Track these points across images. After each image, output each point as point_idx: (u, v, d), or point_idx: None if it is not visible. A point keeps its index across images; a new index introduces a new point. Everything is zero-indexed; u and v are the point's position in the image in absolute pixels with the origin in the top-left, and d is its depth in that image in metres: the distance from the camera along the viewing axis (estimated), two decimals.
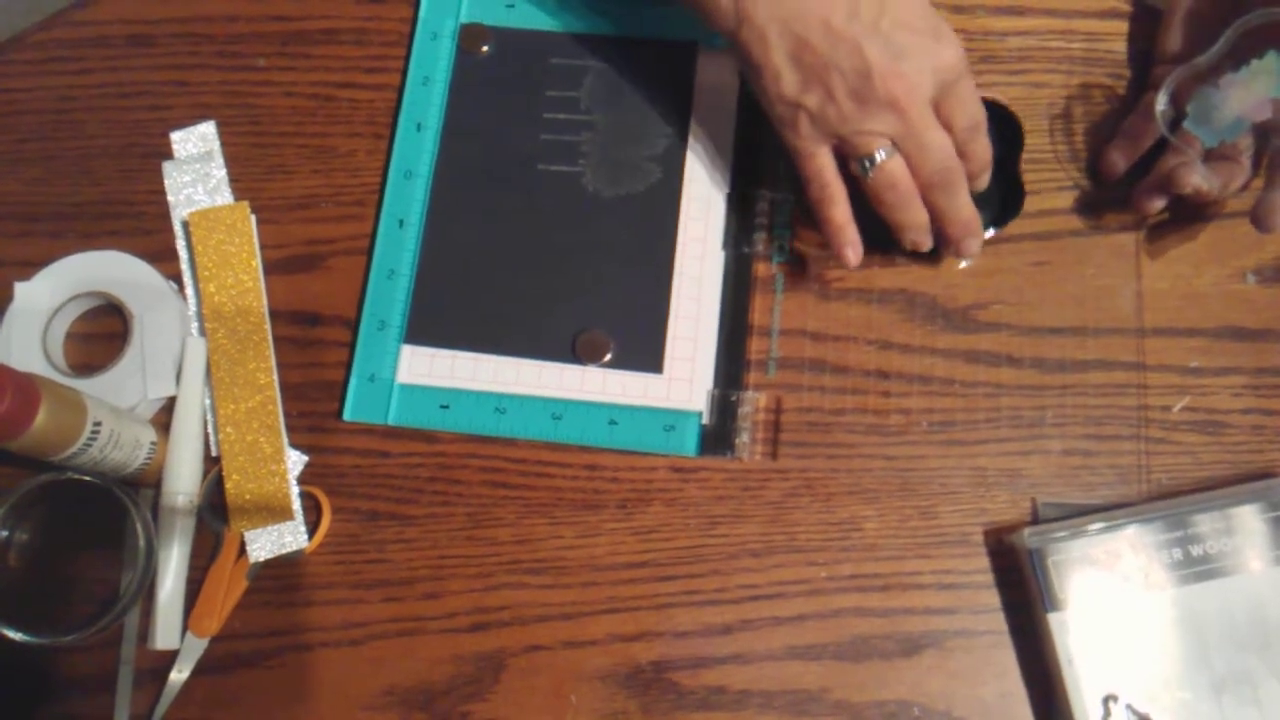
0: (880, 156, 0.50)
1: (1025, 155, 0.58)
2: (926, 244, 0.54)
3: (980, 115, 0.52)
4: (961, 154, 0.52)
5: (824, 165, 0.52)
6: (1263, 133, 0.53)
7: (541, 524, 0.55)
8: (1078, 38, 0.61)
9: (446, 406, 0.56)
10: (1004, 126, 0.56)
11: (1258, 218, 0.51)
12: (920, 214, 0.52)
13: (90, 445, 0.50)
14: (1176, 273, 0.57)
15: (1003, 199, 0.56)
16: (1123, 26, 0.61)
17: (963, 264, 0.57)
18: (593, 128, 0.60)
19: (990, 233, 0.56)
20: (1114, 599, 0.51)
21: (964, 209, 0.52)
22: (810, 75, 0.50)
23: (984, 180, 0.54)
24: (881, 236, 0.54)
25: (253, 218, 0.59)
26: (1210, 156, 0.54)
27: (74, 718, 0.53)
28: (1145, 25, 0.60)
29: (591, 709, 0.52)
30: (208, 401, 0.56)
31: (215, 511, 0.55)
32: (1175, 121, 0.54)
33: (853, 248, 0.53)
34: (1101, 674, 0.50)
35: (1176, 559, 0.51)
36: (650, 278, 0.57)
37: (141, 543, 0.52)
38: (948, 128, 0.51)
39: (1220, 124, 0.52)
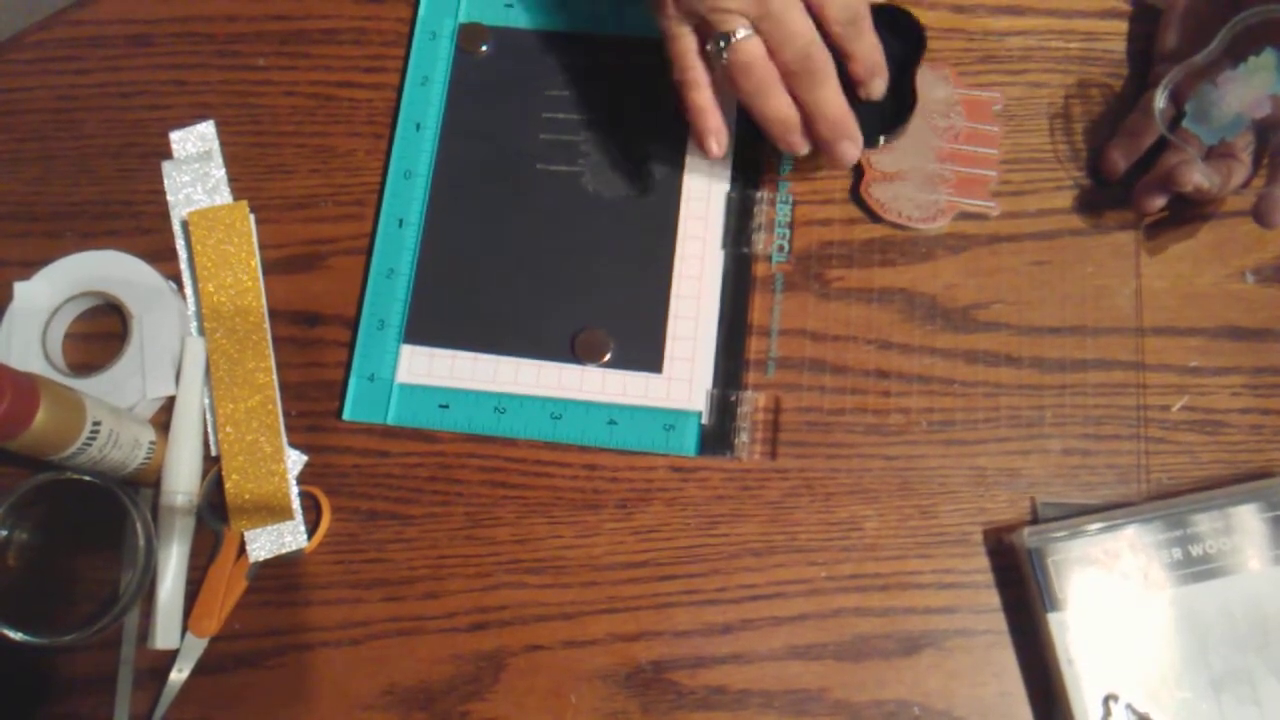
0: (737, 36, 0.49)
1: (1025, 153, 0.58)
2: (800, 146, 0.52)
3: (860, 8, 0.50)
4: (844, 54, 0.50)
5: (687, 48, 0.51)
6: (1262, 130, 0.53)
7: (541, 524, 0.55)
8: (1077, 37, 0.61)
9: (446, 406, 0.56)
10: (904, 33, 0.53)
11: (1259, 213, 0.51)
12: (784, 106, 0.50)
13: (89, 445, 0.50)
14: (1176, 272, 0.57)
15: (894, 108, 0.53)
16: (1122, 26, 0.61)
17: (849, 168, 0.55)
18: (592, 128, 0.60)
19: (880, 143, 0.54)
20: (1113, 599, 0.51)
21: (832, 105, 0.50)
22: None
23: (877, 87, 0.52)
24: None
25: (252, 217, 0.59)
26: (1211, 154, 0.54)
27: (74, 718, 0.53)
28: (1144, 24, 0.60)
29: (591, 708, 0.52)
30: (207, 401, 0.56)
31: (215, 511, 0.55)
32: (1175, 120, 0.54)
33: (715, 136, 0.52)
34: (1101, 673, 0.50)
35: (1176, 558, 0.51)
36: (650, 278, 0.57)
37: (141, 542, 0.52)
38: (821, 18, 0.49)
39: (1219, 122, 0.52)
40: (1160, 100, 0.54)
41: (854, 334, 0.57)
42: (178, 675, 0.53)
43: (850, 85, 0.52)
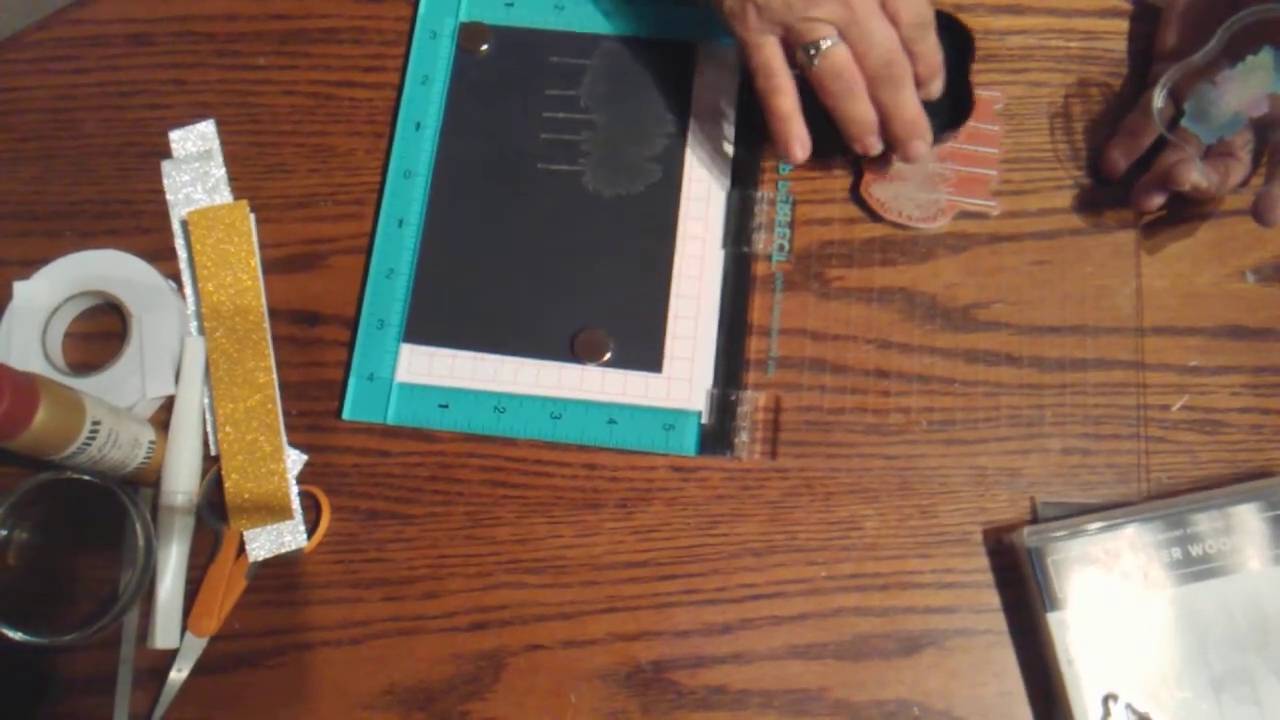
0: (825, 44, 0.51)
1: (1025, 153, 0.58)
2: (875, 146, 0.54)
3: (928, 13, 0.53)
4: (910, 53, 0.52)
5: (771, 55, 0.53)
6: (1261, 128, 0.53)
7: (541, 523, 0.55)
8: (1077, 36, 0.61)
9: (446, 406, 0.56)
10: (955, 38, 0.56)
11: (1258, 211, 0.51)
12: (866, 108, 0.53)
13: (89, 444, 0.49)
14: (1176, 272, 0.57)
15: (952, 108, 0.57)
16: (1122, 25, 0.61)
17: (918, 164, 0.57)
18: (592, 127, 0.60)
19: (943, 140, 0.57)
20: (1113, 598, 0.51)
21: (909, 106, 0.53)
22: None
23: (936, 87, 0.55)
24: (835, 145, 0.55)
25: (252, 217, 0.59)
26: (1210, 153, 0.54)
27: (74, 717, 0.53)
28: (1144, 24, 0.60)
29: (591, 708, 0.52)
30: (206, 400, 0.56)
31: (214, 510, 0.55)
32: (1174, 119, 0.54)
33: (799, 142, 0.53)
34: (1101, 673, 0.50)
35: (1176, 558, 0.51)
36: (650, 277, 0.57)
37: (141, 542, 0.52)
38: (894, 23, 0.52)
39: (1218, 120, 0.52)
40: (1159, 99, 0.54)
41: (854, 333, 0.57)
42: (177, 675, 0.53)
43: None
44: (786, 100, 0.53)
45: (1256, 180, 0.54)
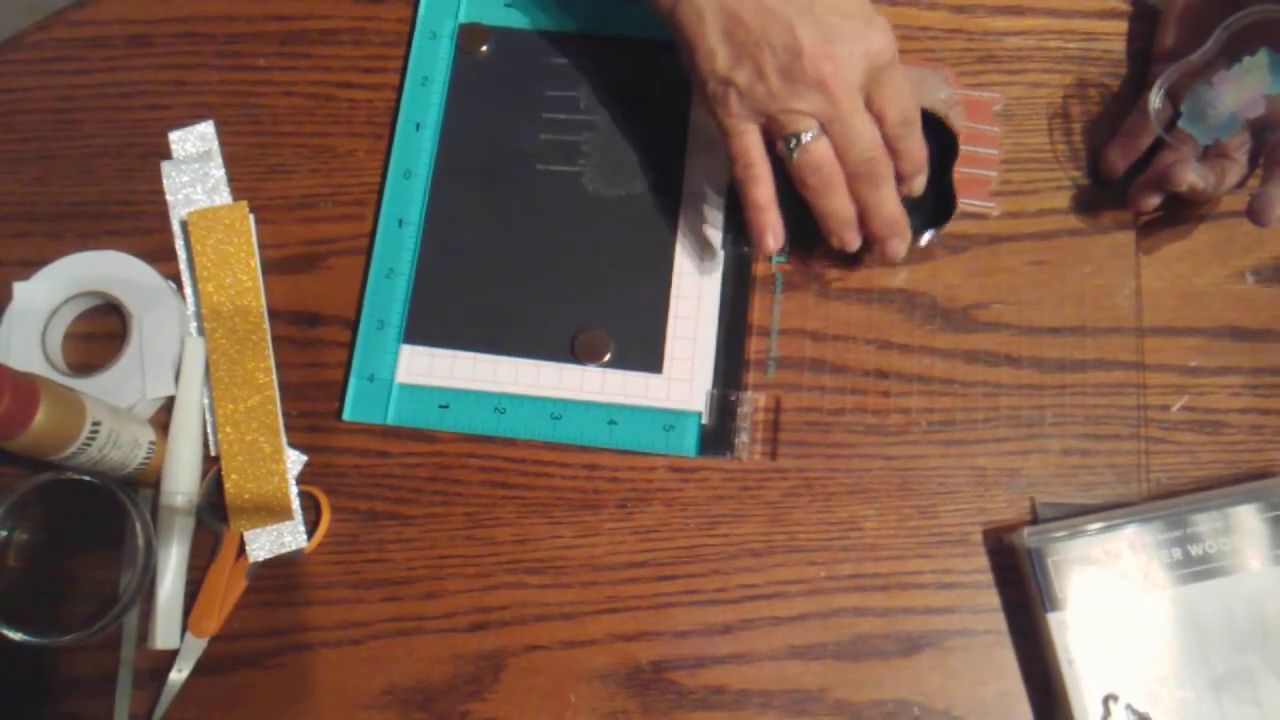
0: (806, 137, 0.50)
1: (1025, 153, 0.58)
2: (853, 242, 0.53)
3: (913, 111, 0.52)
4: (893, 151, 0.52)
5: (751, 144, 0.52)
6: (1258, 129, 0.53)
7: (541, 524, 0.55)
8: (1076, 37, 0.61)
9: (446, 406, 0.56)
10: (939, 136, 0.55)
11: (1254, 212, 0.52)
12: (845, 204, 0.52)
13: (89, 445, 0.49)
14: (1175, 272, 0.57)
15: (934, 206, 0.56)
16: (1121, 26, 0.61)
17: (901, 273, 0.57)
18: (592, 128, 0.60)
19: (926, 238, 0.56)
20: (1113, 598, 0.51)
21: (889, 205, 0.52)
22: (742, 52, 0.50)
23: (918, 184, 0.54)
24: (811, 235, 0.54)
25: (251, 217, 0.59)
26: (1207, 154, 0.55)
27: (74, 718, 0.53)
28: (1144, 24, 0.60)
29: (591, 708, 0.52)
30: (206, 401, 0.56)
31: (214, 511, 0.55)
32: (1172, 120, 0.54)
33: (773, 231, 0.53)
34: (1101, 673, 0.50)
35: (1176, 558, 0.51)
36: (650, 278, 0.57)
37: (141, 542, 0.52)
38: (879, 119, 0.51)
39: (1215, 121, 0.52)
40: (1156, 100, 0.54)
41: (854, 334, 0.57)
42: (177, 675, 0.53)
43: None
44: (763, 190, 0.52)
45: (1253, 181, 0.54)
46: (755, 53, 0.49)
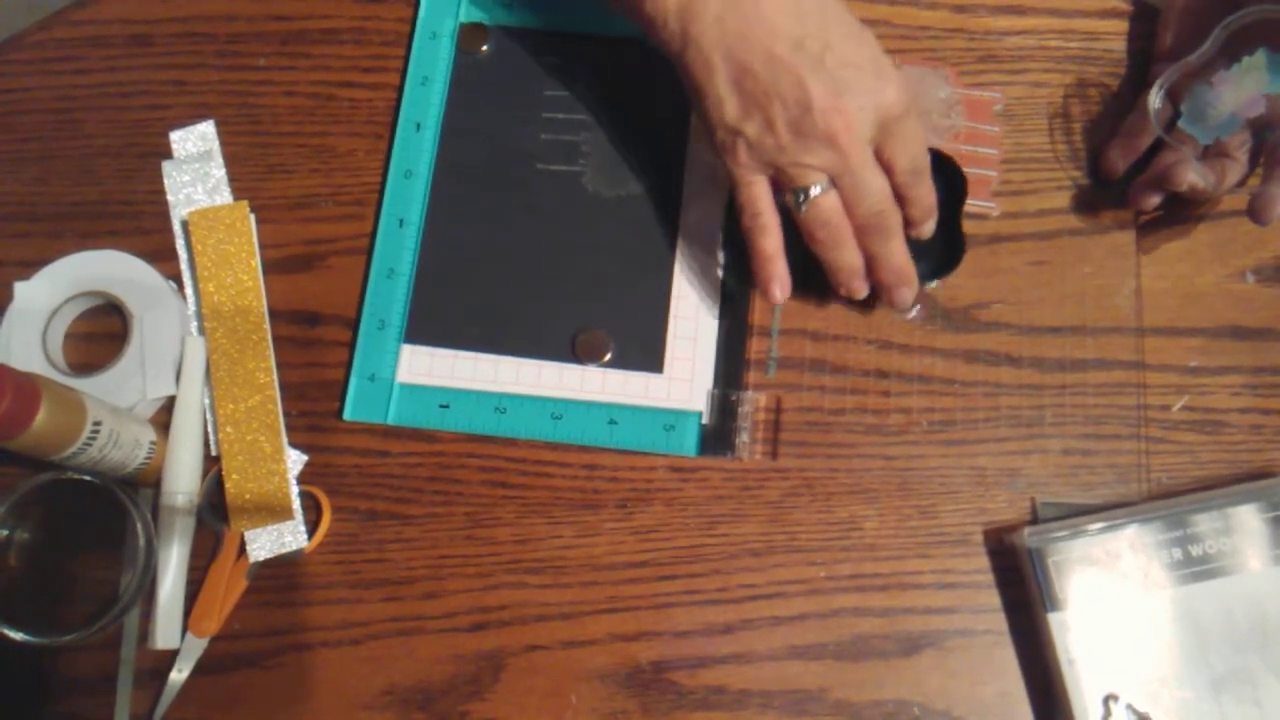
0: (815, 191, 0.50)
1: (1025, 153, 0.58)
2: (861, 291, 0.53)
3: (923, 160, 0.51)
4: (903, 199, 0.51)
5: (759, 195, 0.51)
6: (1258, 129, 0.53)
7: (541, 524, 0.55)
8: (1077, 37, 0.61)
9: (446, 406, 0.56)
10: (948, 177, 0.55)
11: (1254, 211, 0.51)
12: (853, 256, 0.52)
13: (90, 445, 0.50)
14: (1176, 272, 0.57)
15: (943, 251, 0.55)
16: (1122, 26, 0.61)
17: (910, 314, 0.57)
18: (592, 128, 0.60)
19: (933, 284, 0.56)
20: (1114, 599, 0.51)
21: (897, 256, 0.52)
22: (751, 103, 0.49)
23: (928, 228, 0.54)
24: (818, 281, 0.54)
25: (252, 217, 0.59)
26: (1208, 153, 0.54)
27: (74, 718, 0.53)
28: (1144, 24, 0.60)
29: (591, 708, 0.52)
30: (207, 401, 0.56)
31: (215, 511, 0.55)
32: (1172, 120, 0.54)
33: (779, 283, 0.52)
34: (1101, 673, 0.50)
35: (1176, 558, 0.51)
36: (650, 277, 0.57)
37: (141, 542, 0.52)
38: (889, 170, 0.50)
39: (1214, 121, 0.52)
40: (1155, 100, 0.54)
41: (854, 334, 0.57)
42: (178, 675, 0.53)
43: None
44: (770, 241, 0.52)
45: (1254, 181, 0.54)
46: (765, 104, 0.49)
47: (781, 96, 0.48)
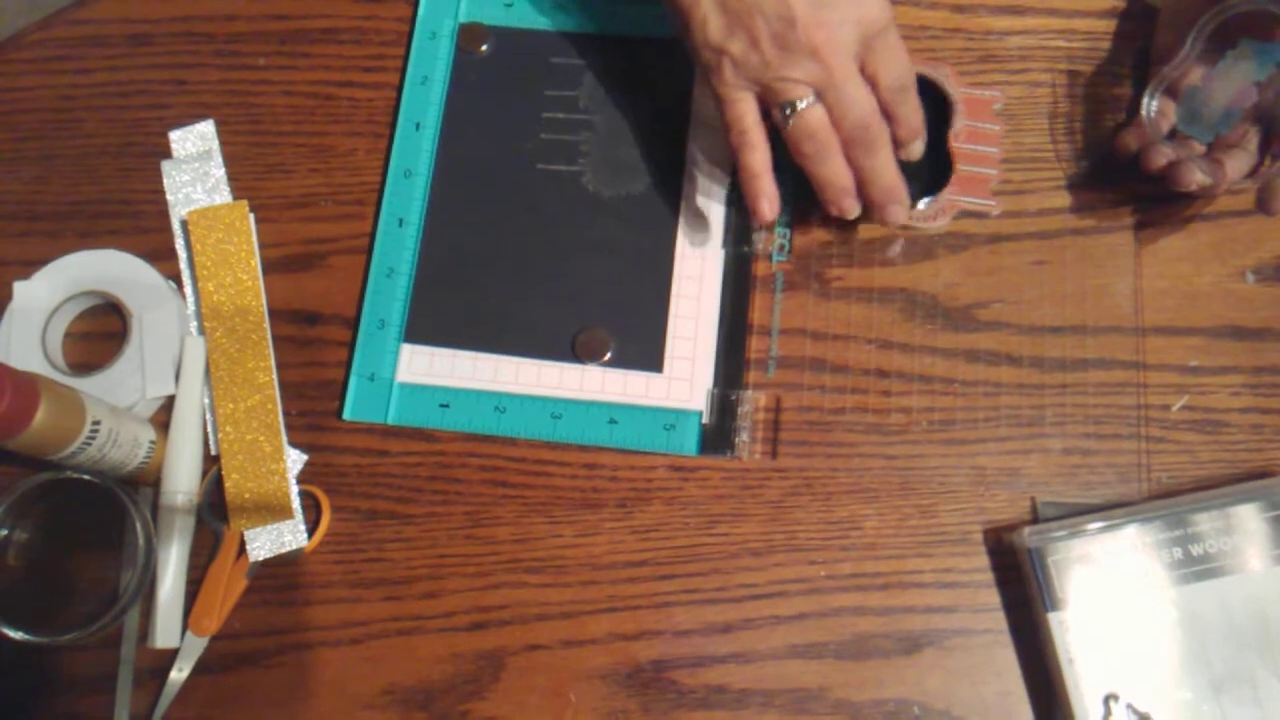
0: (801, 105, 0.51)
1: (1025, 152, 0.58)
2: (852, 209, 0.53)
3: (908, 76, 0.52)
4: (890, 116, 0.52)
5: (745, 112, 0.52)
6: (1265, 117, 0.53)
7: (541, 523, 0.55)
8: (1078, 37, 0.61)
9: (446, 405, 0.56)
10: (935, 103, 0.56)
11: (1263, 200, 0.52)
12: (841, 171, 0.52)
13: (89, 444, 0.49)
14: (1176, 272, 0.57)
15: (932, 172, 0.56)
16: (1123, 25, 0.61)
17: (893, 249, 0.57)
18: (592, 127, 0.60)
19: (922, 204, 0.56)
20: (1114, 598, 0.51)
21: (886, 172, 0.52)
22: (735, 21, 0.50)
23: (916, 149, 0.54)
24: (811, 208, 0.55)
25: (251, 216, 0.59)
26: (1216, 147, 0.54)
27: (74, 717, 0.53)
28: (1144, 23, 0.60)
29: (591, 708, 0.52)
30: (207, 400, 0.56)
31: (215, 510, 0.55)
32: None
33: (767, 199, 0.53)
34: (1101, 673, 0.50)
35: (1176, 558, 0.51)
36: (650, 277, 0.57)
37: (141, 542, 0.52)
38: (874, 84, 0.51)
39: (1211, 119, 0.52)
40: (1148, 109, 0.54)
41: (854, 333, 0.57)
42: (178, 674, 0.53)
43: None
44: (757, 157, 0.52)
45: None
46: (749, 21, 0.50)
47: (764, 13, 0.49)
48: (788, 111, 0.51)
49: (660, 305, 0.57)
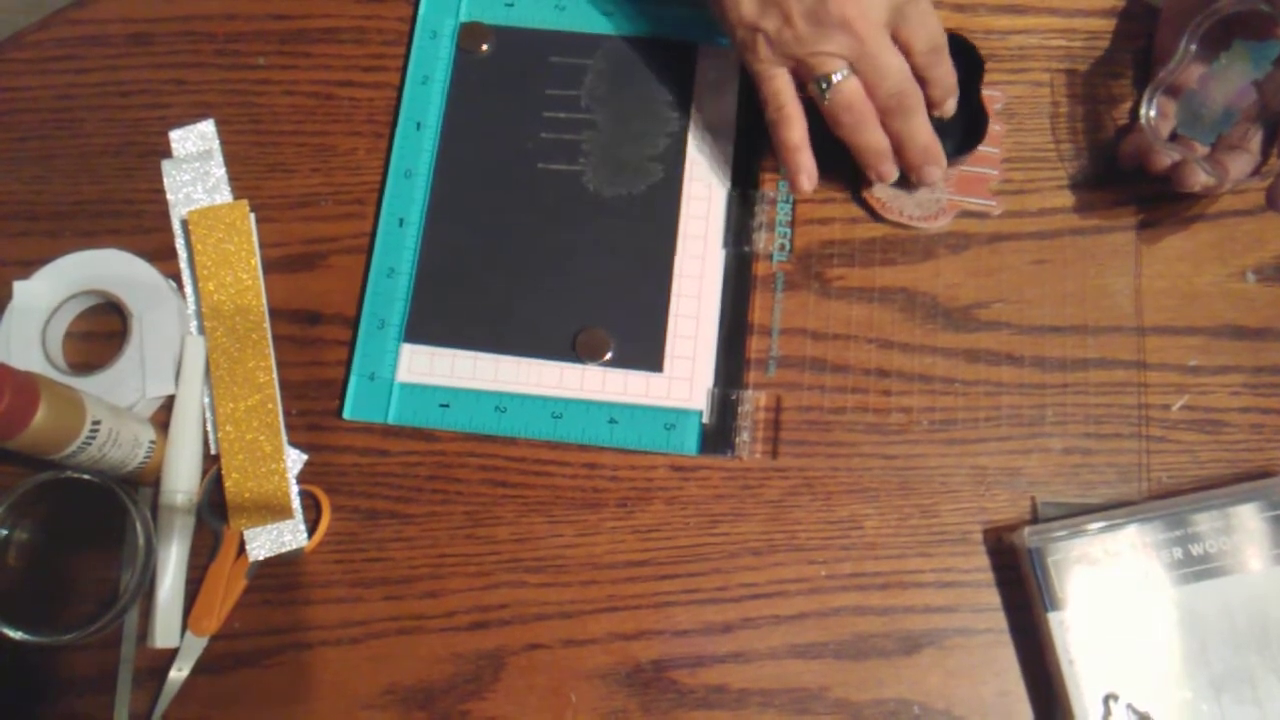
0: (837, 78, 0.52)
1: (1026, 152, 0.58)
2: (891, 173, 0.55)
3: (940, 38, 0.53)
4: (923, 79, 0.53)
5: (781, 87, 0.53)
6: (1266, 116, 0.53)
7: (541, 522, 0.55)
8: (1078, 36, 0.61)
9: (446, 405, 0.56)
10: (965, 56, 0.56)
11: (1271, 199, 0.52)
12: (879, 137, 0.53)
13: (89, 444, 0.49)
14: (1176, 271, 0.57)
15: (965, 128, 0.57)
16: (1122, 25, 0.61)
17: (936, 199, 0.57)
18: (593, 127, 0.60)
19: (958, 161, 0.57)
20: (1114, 598, 0.51)
21: (922, 134, 0.53)
22: None
23: (950, 106, 0.55)
24: (851, 169, 0.55)
25: (252, 216, 0.59)
26: (1219, 147, 0.54)
27: (74, 717, 0.53)
28: (1145, 23, 0.60)
29: (591, 707, 0.52)
30: (207, 400, 0.56)
31: (214, 510, 0.55)
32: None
33: (806, 174, 0.54)
34: (1101, 673, 0.50)
35: (1176, 558, 0.51)
36: (650, 277, 0.57)
37: (141, 541, 0.52)
38: (907, 51, 0.52)
39: (1209, 121, 0.52)
40: (1148, 115, 0.54)
41: (855, 333, 0.57)
42: (177, 674, 0.53)
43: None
44: (795, 131, 0.53)
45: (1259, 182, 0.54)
46: None
47: None
48: (824, 85, 0.52)
49: (661, 305, 0.57)
